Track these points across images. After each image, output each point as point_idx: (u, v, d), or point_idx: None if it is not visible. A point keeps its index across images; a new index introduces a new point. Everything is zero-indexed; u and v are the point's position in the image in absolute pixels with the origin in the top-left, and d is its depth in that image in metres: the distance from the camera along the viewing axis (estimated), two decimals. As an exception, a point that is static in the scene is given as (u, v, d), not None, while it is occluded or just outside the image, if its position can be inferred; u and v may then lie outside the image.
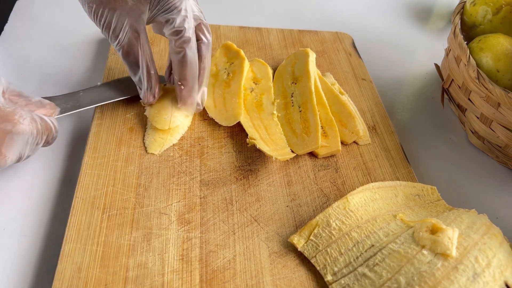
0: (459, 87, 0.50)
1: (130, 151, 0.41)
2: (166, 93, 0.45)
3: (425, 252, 0.32)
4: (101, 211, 0.36)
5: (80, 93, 0.41)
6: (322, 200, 0.40)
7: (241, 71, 0.48)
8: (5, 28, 0.54)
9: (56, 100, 0.40)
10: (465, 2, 0.53)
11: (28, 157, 0.36)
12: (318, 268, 0.34)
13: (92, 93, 0.42)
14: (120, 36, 0.39)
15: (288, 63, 0.51)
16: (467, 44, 0.49)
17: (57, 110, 0.39)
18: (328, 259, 0.35)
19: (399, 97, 0.56)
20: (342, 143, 0.46)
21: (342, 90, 0.51)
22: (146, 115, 0.44)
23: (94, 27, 0.56)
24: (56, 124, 0.38)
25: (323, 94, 0.48)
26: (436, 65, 0.56)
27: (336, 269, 0.34)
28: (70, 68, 0.50)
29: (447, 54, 0.54)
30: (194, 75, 0.41)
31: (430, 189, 0.42)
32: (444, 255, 0.32)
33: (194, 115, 0.46)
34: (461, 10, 0.53)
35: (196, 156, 0.42)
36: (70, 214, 0.35)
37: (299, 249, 0.36)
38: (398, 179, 0.43)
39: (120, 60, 0.49)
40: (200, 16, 0.41)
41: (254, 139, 0.42)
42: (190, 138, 0.43)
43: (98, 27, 0.39)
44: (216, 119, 0.45)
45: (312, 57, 0.50)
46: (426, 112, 0.54)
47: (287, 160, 0.43)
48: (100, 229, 0.35)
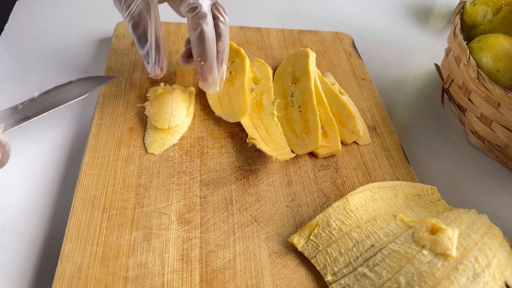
0: (459, 87, 0.50)
1: (130, 151, 0.41)
2: (167, 93, 0.45)
3: (425, 252, 0.32)
4: (101, 211, 0.36)
5: (19, 107, 0.38)
6: (322, 200, 0.40)
7: (243, 69, 0.48)
8: (5, 28, 0.54)
9: None
10: (465, 2, 0.53)
11: None
12: (318, 268, 0.34)
13: (33, 104, 0.39)
14: (132, 7, 0.39)
15: (288, 63, 0.51)
16: (467, 44, 0.49)
17: (1, 125, 0.36)
18: (328, 259, 0.35)
19: (399, 97, 0.56)
20: (342, 143, 0.46)
21: (342, 90, 0.51)
22: (146, 114, 0.44)
23: (94, 27, 0.56)
24: (7, 141, 0.34)
25: (323, 94, 0.48)
26: (436, 65, 0.56)
27: (336, 269, 0.34)
28: (70, 68, 0.50)
29: (447, 54, 0.54)
30: (213, 51, 0.40)
31: (430, 189, 0.42)
32: (444, 255, 0.32)
33: (194, 115, 0.46)
34: (461, 10, 0.53)
35: (196, 156, 0.42)
36: (70, 214, 0.35)
37: (299, 249, 0.36)
38: (398, 179, 0.43)
39: (120, 60, 0.49)
40: None
41: (254, 139, 0.42)
42: (190, 138, 0.43)
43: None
44: (224, 117, 0.45)
45: (312, 57, 0.50)
46: (426, 112, 0.54)
47: (287, 160, 0.43)
48: (100, 229, 0.35)
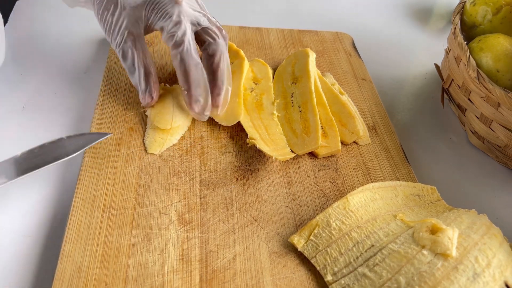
0: (459, 87, 0.50)
1: (130, 151, 0.41)
2: (167, 93, 0.45)
3: (425, 252, 0.32)
4: (101, 211, 0.36)
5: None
6: (322, 200, 0.40)
7: (241, 71, 0.48)
8: (5, 28, 0.54)
9: None
10: (465, 2, 0.53)
11: None
12: (318, 268, 0.34)
13: (14, 165, 0.36)
14: (118, 39, 0.40)
15: (288, 63, 0.51)
16: (467, 44, 0.49)
17: None
18: (328, 259, 0.35)
19: (399, 97, 0.56)
20: (342, 143, 0.46)
21: (342, 90, 0.51)
22: (147, 115, 0.44)
23: (94, 27, 0.56)
24: None
25: (323, 94, 0.48)
26: (436, 65, 0.56)
27: (336, 269, 0.34)
28: (70, 68, 0.50)
29: (447, 54, 0.54)
30: (194, 80, 0.40)
31: (430, 189, 0.42)
32: (444, 255, 0.32)
33: (194, 115, 0.46)
34: (461, 10, 0.53)
35: (196, 156, 0.42)
36: (70, 214, 0.35)
37: (299, 249, 0.36)
38: (398, 179, 0.43)
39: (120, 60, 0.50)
40: (200, 21, 0.41)
41: (254, 139, 0.42)
42: (190, 138, 0.43)
43: (102, 30, 0.42)
44: (216, 119, 0.45)
45: (312, 57, 0.50)
46: (426, 112, 0.54)
47: (287, 160, 0.43)
48: (100, 229, 0.35)
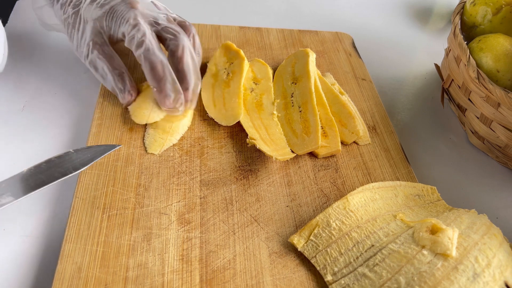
0: (459, 87, 0.50)
1: (130, 151, 0.41)
2: (148, 89, 0.45)
3: (425, 252, 0.32)
4: (101, 211, 0.36)
5: (2, 185, 0.34)
6: (322, 200, 0.40)
7: (241, 71, 0.48)
8: (5, 28, 0.54)
9: None
10: (465, 2, 0.53)
11: None
12: (318, 268, 0.34)
13: (20, 182, 0.34)
14: (84, 51, 0.43)
15: (288, 63, 0.51)
16: (467, 44, 0.49)
17: None
18: (328, 259, 0.35)
19: (399, 97, 0.56)
20: (342, 143, 0.46)
21: (342, 90, 0.51)
22: (128, 108, 0.44)
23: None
24: None
25: (323, 94, 0.48)
26: (436, 65, 0.56)
27: (336, 269, 0.34)
28: (70, 68, 0.50)
29: (447, 54, 0.54)
30: (161, 77, 0.40)
31: (430, 189, 0.42)
32: (444, 255, 0.32)
33: (194, 115, 0.46)
34: (461, 10, 0.53)
35: (196, 156, 0.42)
36: (70, 214, 0.35)
37: (299, 249, 0.36)
38: (398, 179, 0.43)
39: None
40: (158, 20, 0.42)
41: (254, 139, 0.42)
42: (190, 138, 0.43)
43: (73, 49, 0.44)
44: (216, 119, 0.45)
45: (312, 57, 0.50)
46: (426, 112, 0.54)
47: (287, 160, 0.43)
48: (100, 229, 0.35)
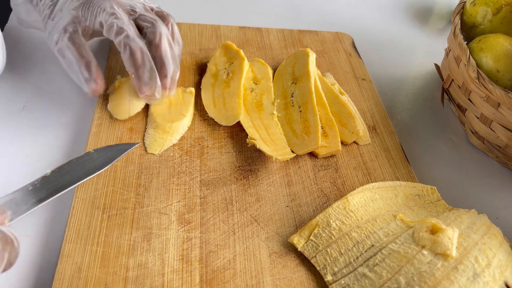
0: (459, 87, 0.50)
1: (130, 151, 0.41)
2: (123, 84, 0.45)
3: (425, 252, 0.32)
4: (101, 211, 0.36)
5: (30, 187, 0.33)
6: (322, 200, 0.40)
7: (241, 71, 0.48)
8: (5, 28, 0.54)
9: (1, 202, 0.31)
10: (465, 2, 0.53)
11: None
12: (318, 268, 0.34)
13: (46, 184, 0.34)
14: (55, 38, 0.41)
15: (288, 63, 0.51)
16: (467, 44, 0.49)
17: (8, 214, 0.30)
18: (328, 259, 0.35)
19: (399, 97, 0.56)
20: (342, 143, 0.46)
21: (342, 90, 0.51)
22: (108, 109, 0.44)
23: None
24: (16, 235, 0.28)
25: (323, 94, 0.48)
26: (436, 65, 0.56)
27: (336, 269, 0.34)
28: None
29: (447, 54, 0.54)
30: (140, 64, 0.40)
31: (430, 189, 0.42)
32: (444, 255, 0.32)
33: (194, 115, 0.46)
34: (461, 10, 0.53)
35: (196, 156, 0.42)
36: (70, 214, 0.36)
37: (299, 249, 0.36)
38: (398, 179, 0.43)
39: (121, 60, 0.49)
40: (135, 8, 0.43)
41: (254, 139, 0.42)
42: (190, 138, 0.43)
43: (47, 40, 0.43)
44: (216, 119, 0.45)
45: (312, 57, 0.50)
46: (426, 112, 0.54)
47: (287, 160, 0.43)
48: (100, 229, 0.35)
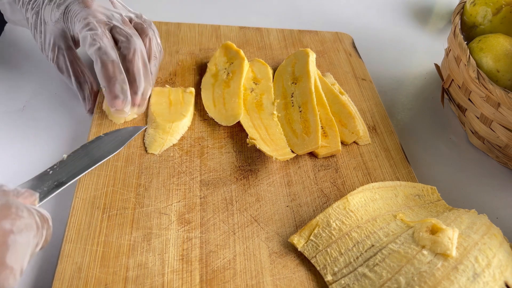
0: (459, 87, 0.50)
1: (130, 151, 0.41)
2: None
3: (425, 252, 0.32)
4: (101, 211, 0.36)
5: (50, 172, 0.35)
6: (322, 200, 0.40)
7: (241, 71, 0.48)
8: (5, 28, 0.54)
9: (26, 186, 0.33)
10: (465, 2, 0.53)
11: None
12: (318, 268, 0.34)
13: (64, 168, 0.36)
14: (50, 55, 0.42)
15: (288, 63, 0.51)
16: (467, 44, 0.49)
17: (36, 196, 0.31)
18: (328, 259, 0.35)
19: (399, 97, 0.56)
20: (342, 143, 0.46)
21: (342, 90, 0.51)
22: (104, 109, 0.44)
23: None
24: (48, 214, 0.30)
25: (323, 94, 0.48)
26: (436, 65, 0.56)
27: (336, 269, 0.34)
28: (70, 68, 0.50)
29: (447, 54, 0.54)
30: (111, 77, 0.40)
31: (430, 189, 0.42)
32: (444, 255, 0.32)
33: (194, 115, 0.46)
34: (461, 10, 0.53)
35: (196, 156, 0.42)
36: (70, 214, 0.35)
37: (299, 249, 0.36)
38: (398, 179, 0.43)
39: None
40: (112, 20, 0.42)
41: (254, 139, 0.42)
42: (190, 138, 0.43)
43: (40, 49, 0.44)
44: (216, 119, 0.45)
45: (312, 57, 0.50)
46: (426, 112, 0.54)
47: (287, 160, 0.43)
48: (100, 229, 0.35)
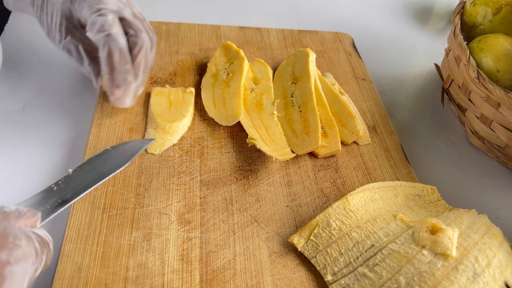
0: (459, 87, 0.50)
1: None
2: None
3: (425, 252, 0.32)
4: (101, 211, 0.36)
5: (54, 188, 0.33)
6: (322, 200, 0.40)
7: (241, 71, 0.48)
8: (5, 28, 0.54)
9: (29, 203, 0.31)
10: (465, 2, 0.53)
11: None
12: (318, 268, 0.34)
13: (69, 183, 0.33)
14: (57, 37, 0.41)
15: (288, 63, 0.51)
16: (467, 44, 0.49)
17: (38, 216, 0.30)
18: (328, 259, 0.35)
19: (399, 97, 0.56)
20: (342, 143, 0.46)
21: (342, 90, 0.51)
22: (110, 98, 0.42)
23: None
24: (50, 237, 0.29)
25: (323, 94, 0.48)
26: (436, 65, 0.56)
27: (336, 269, 0.34)
28: (70, 68, 0.50)
29: (447, 54, 0.54)
30: (117, 65, 0.39)
31: (430, 189, 0.42)
32: (444, 255, 0.32)
33: (194, 115, 0.46)
34: (461, 10, 0.53)
35: (196, 156, 0.42)
36: (70, 214, 0.36)
37: (299, 249, 0.36)
38: (398, 179, 0.43)
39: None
40: (123, 12, 0.41)
41: (254, 139, 0.42)
42: (190, 138, 0.43)
43: (44, 33, 0.43)
44: (216, 119, 0.45)
45: (312, 57, 0.50)
46: (426, 112, 0.54)
47: (287, 160, 0.43)
48: (100, 229, 0.35)
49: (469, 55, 0.45)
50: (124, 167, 0.36)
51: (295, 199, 0.40)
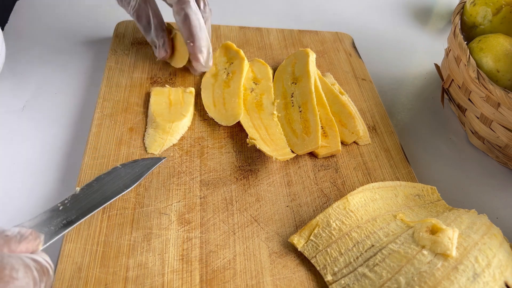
0: (459, 87, 0.50)
1: (130, 151, 0.41)
2: (179, 36, 0.47)
3: (425, 252, 0.32)
4: (101, 211, 0.36)
5: (60, 207, 0.32)
6: (322, 200, 0.40)
7: (241, 71, 0.48)
8: (5, 28, 0.54)
9: (33, 224, 0.30)
10: (465, 2, 0.53)
11: None
12: (318, 268, 0.34)
13: (76, 203, 0.33)
14: (132, 3, 0.46)
15: (288, 63, 0.51)
16: (467, 44, 0.49)
17: (41, 239, 0.29)
18: (328, 259, 0.35)
19: (399, 97, 0.56)
20: (342, 143, 0.46)
21: (342, 90, 0.51)
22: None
23: (94, 27, 0.56)
24: (50, 262, 0.28)
25: (323, 94, 0.48)
26: (436, 65, 0.56)
27: (336, 269, 0.34)
28: (71, 68, 0.50)
29: (447, 54, 0.54)
30: (199, 32, 0.44)
31: (430, 189, 0.42)
32: (444, 255, 0.32)
33: (194, 115, 0.46)
34: (461, 10, 0.53)
35: (196, 156, 0.42)
36: (70, 214, 0.35)
37: (299, 249, 0.36)
38: (398, 179, 0.43)
39: (120, 60, 0.50)
40: None
41: (254, 139, 0.42)
42: (190, 138, 0.43)
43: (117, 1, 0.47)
44: (216, 119, 0.45)
45: (312, 57, 0.50)
46: (426, 112, 0.54)
47: (287, 160, 0.43)
48: (100, 229, 0.35)
49: (469, 55, 0.45)
50: (132, 188, 0.35)
51: (295, 199, 0.40)
